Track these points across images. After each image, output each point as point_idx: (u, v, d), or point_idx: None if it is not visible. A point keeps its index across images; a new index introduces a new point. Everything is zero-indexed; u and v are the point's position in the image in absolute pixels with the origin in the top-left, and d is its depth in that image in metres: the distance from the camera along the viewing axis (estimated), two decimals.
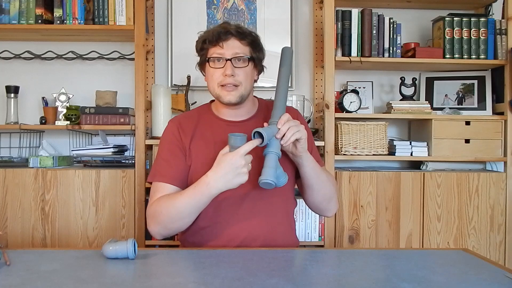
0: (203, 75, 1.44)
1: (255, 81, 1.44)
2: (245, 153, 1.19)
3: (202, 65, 1.42)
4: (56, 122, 2.21)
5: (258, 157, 1.27)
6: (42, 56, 2.40)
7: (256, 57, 1.39)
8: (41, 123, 2.22)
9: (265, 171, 1.20)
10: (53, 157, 2.14)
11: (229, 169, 1.20)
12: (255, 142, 1.20)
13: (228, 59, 1.32)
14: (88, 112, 2.16)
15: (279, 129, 1.24)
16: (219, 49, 1.33)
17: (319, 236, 2.17)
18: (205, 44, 1.36)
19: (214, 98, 1.44)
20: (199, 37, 1.40)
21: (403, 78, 2.34)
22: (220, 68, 1.33)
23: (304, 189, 1.43)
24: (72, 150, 2.29)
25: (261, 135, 1.21)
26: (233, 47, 1.34)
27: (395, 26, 2.24)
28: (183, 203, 1.27)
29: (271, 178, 1.19)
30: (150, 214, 1.34)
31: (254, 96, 1.49)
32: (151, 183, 1.40)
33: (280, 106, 1.31)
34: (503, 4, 2.27)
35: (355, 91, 2.26)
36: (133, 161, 2.17)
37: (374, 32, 2.22)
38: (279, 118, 1.26)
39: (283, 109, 1.31)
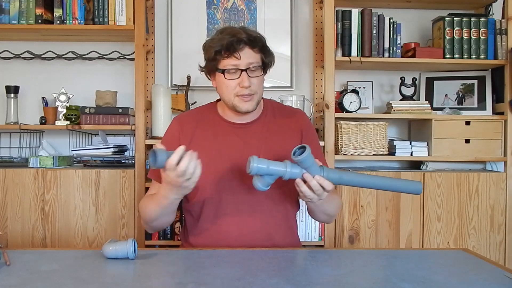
0: (208, 79, 1.42)
1: None
2: (171, 168, 1.12)
3: (210, 70, 1.39)
4: (56, 122, 2.21)
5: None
6: (42, 56, 2.40)
7: (268, 62, 1.39)
8: (41, 123, 2.22)
9: (261, 175, 1.18)
10: (53, 157, 2.14)
11: (173, 186, 1.19)
12: (178, 152, 1.11)
13: (244, 70, 1.31)
14: (88, 112, 2.16)
15: (313, 177, 1.16)
16: (233, 60, 1.31)
17: (319, 236, 2.17)
18: (218, 55, 1.32)
19: (219, 98, 1.43)
20: (209, 45, 1.35)
21: (403, 78, 2.34)
22: (236, 79, 1.32)
23: (308, 208, 1.43)
24: (72, 150, 2.29)
25: (301, 152, 1.15)
26: (247, 57, 1.31)
27: (395, 26, 2.24)
28: (152, 209, 1.33)
29: (255, 171, 1.15)
30: (139, 210, 1.45)
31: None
32: None
33: (344, 178, 1.21)
34: (503, 4, 2.27)
35: (355, 91, 2.26)
36: (133, 161, 2.17)
37: (374, 32, 2.22)
38: (326, 176, 1.17)
39: (338, 180, 1.20)
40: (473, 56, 2.24)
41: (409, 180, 1.22)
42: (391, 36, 2.24)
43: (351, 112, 2.22)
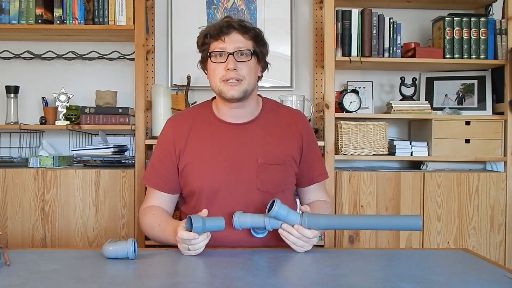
0: (205, 73, 1.40)
1: (259, 78, 1.41)
2: (181, 241, 1.17)
3: (203, 62, 1.38)
4: (56, 122, 2.21)
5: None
6: (42, 56, 2.40)
7: (260, 52, 1.35)
8: (41, 123, 2.22)
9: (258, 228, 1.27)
10: (53, 157, 2.14)
11: (179, 246, 1.20)
12: (191, 236, 1.14)
13: (230, 53, 1.29)
14: (88, 112, 2.16)
15: (292, 226, 1.19)
16: (221, 43, 1.30)
17: (319, 236, 2.16)
18: (206, 38, 1.33)
19: (215, 96, 1.41)
20: (201, 32, 1.36)
21: (403, 78, 2.34)
22: (222, 63, 1.30)
23: None
24: (72, 150, 2.29)
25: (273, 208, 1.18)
26: (235, 41, 1.30)
27: (395, 26, 2.24)
28: (156, 235, 1.35)
29: (238, 226, 1.24)
30: (139, 218, 1.42)
31: (259, 95, 1.45)
32: None
33: (323, 221, 1.21)
34: (503, 4, 2.27)
35: (355, 91, 2.26)
36: (133, 161, 2.17)
37: (374, 32, 2.22)
38: (305, 223, 1.19)
39: (320, 225, 1.21)
40: (473, 56, 2.24)
41: (406, 215, 1.19)
42: (391, 36, 2.24)
43: (351, 112, 2.22)
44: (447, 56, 2.24)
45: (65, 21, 2.16)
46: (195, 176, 1.36)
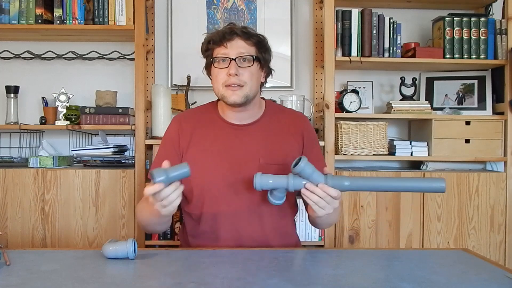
0: (210, 78, 1.42)
1: (263, 84, 1.43)
2: (151, 198, 1.10)
3: (208, 68, 1.41)
4: (56, 122, 2.21)
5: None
6: (42, 56, 2.40)
7: (262, 58, 1.37)
8: (41, 123, 2.22)
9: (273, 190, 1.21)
10: (53, 157, 2.14)
11: (155, 207, 1.14)
12: (156, 187, 1.07)
13: (233, 59, 1.31)
14: (88, 112, 2.16)
15: (316, 185, 1.15)
16: (223, 49, 1.32)
17: (319, 236, 2.17)
18: (209, 44, 1.36)
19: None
20: (205, 38, 1.39)
21: (403, 78, 2.34)
22: (225, 68, 1.32)
23: (312, 221, 1.41)
24: (72, 150, 2.29)
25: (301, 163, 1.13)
26: (237, 47, 1.32)
27: (395, 26, 2.24)
28: (145, 217, 1.32)
29: (259, 187, 1.18)
30: (136, 211, 1.45)
31: (262, 98, 1.47)
32: None
33: (347, 182, 1.16)
34: (503, 4, 2.27)
35: (355, 91, 2.26)
36: (133, 161, 2.17)
37: (374, 32, 2.22)
38: (331, 183, 1.15)
39: (347, 186, 1.16)
40: (473, 56, 2.24)
41: (430, 179, 1.13)
42: (391, 36, 2.24)
43: (351, 112, 2.22)
44: (447, 56, 2.24)
45: (65, 21, 2.16)
46: (198, 174, 1.36)
